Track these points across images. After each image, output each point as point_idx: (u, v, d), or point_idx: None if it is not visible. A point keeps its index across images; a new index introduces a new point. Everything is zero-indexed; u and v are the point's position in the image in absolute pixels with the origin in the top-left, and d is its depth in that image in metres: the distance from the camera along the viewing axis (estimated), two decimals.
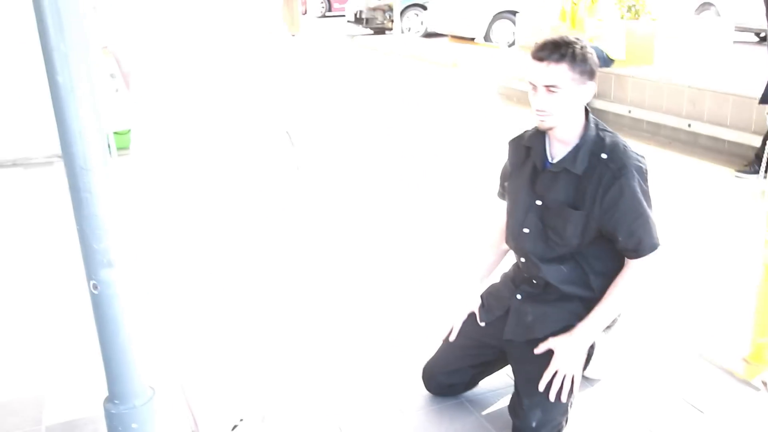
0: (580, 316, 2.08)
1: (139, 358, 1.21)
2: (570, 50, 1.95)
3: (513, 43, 10.39)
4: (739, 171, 4.67)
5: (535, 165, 2.12)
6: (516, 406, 2.05)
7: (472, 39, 12.54)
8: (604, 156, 2.01)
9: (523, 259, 2.19)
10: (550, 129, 2.03)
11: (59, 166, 4.63)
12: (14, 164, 4.95)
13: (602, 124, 2.10)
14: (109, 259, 1.10)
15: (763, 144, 4.45)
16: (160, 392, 1.33)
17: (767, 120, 4.59)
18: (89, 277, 1.12)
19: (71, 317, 2.76)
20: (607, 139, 2.03)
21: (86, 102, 1.04)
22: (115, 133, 1.44)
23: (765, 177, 2.33)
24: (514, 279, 2.27)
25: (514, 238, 2.20)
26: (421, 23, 13.84)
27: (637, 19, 6.97)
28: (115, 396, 1.21)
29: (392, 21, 11.98)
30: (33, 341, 2.65)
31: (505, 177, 2.30)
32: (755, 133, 4.91)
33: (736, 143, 5.08)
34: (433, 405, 2.27)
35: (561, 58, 1.95)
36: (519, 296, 2.19)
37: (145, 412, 1.22)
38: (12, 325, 2.78)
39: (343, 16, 16.02)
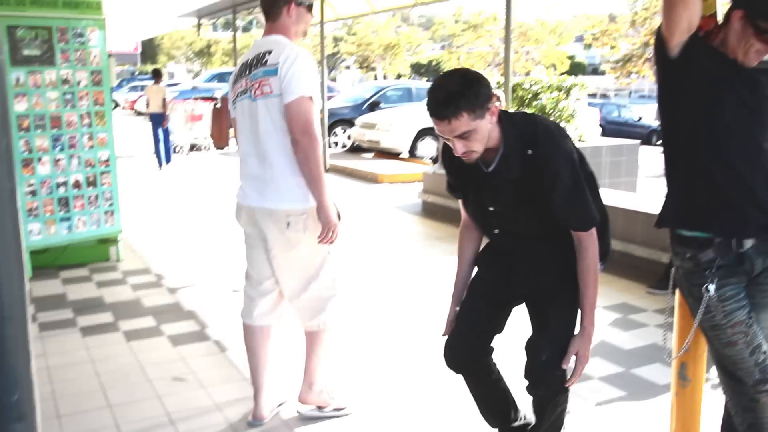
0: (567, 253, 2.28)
1: None
2: (462, 100, 2.02)
3: (437, 159, 10.78)
4: (650, 287, 4.88)
5: (475, 176, 2.26)
6: (530, 345, 2.35)
7: (398, 154, 12.95)
8: (530, 152, 2.15)
9: (491, 233, 2.44)
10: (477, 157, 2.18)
11: None
12: None
13: (516, 116, 2.24)
14: (21, 412, 1.05)
15: (670, 262, 4.69)
16: None
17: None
18: None
19: None
20: (529, 132, 2.16)
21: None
22: (32, 252, 1.41)
23: (672, 294, 2.43)
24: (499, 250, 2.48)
25: (487, 236, 2.46)
26: (348, 138, 14.25)
27: None
28: None
29: (321, 135, 12.28)
30: None
31: (450, 175, 2.43)
32: (664, 250, 5.17)
33: (647, 260, 5.34)
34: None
35: (457, 110, 2.01)
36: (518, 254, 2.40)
37: None
38: None
39: None
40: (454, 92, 2.02)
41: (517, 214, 2.29)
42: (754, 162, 2.11)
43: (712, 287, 2.13)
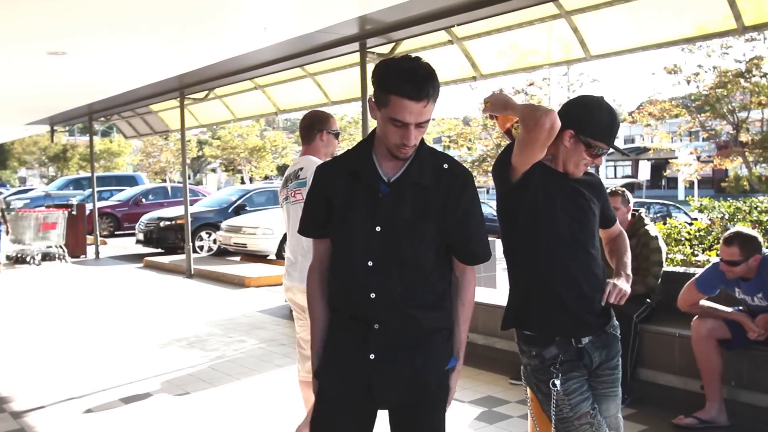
0: (450, 339, 2.10)
1: None
2: (437, 83, 1.93)
3: None
4: (512, 378, 5.05)
5: (370, 188, 2.01)
6: None
7: (266, 257, 12.84)
8: (446, 166, 2.04)
9: (373, 295, 2.00)
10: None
11: None
12: None
13: None
14: None
15: None
16: None
17: None
18: None
19: None
20: (441, 153, 2.11)
21: None
22: None
23: (526, 387, 2.55)
24: (353, 334, 2.05)
25: (356, 275, 2.02)
26: (214, 242, 14.00)
27: None
28: None
29: (184, 240, 11.98)
30: None
31: (318, 210, 2.11)
32: None
33: (509, 352, 5.53)
34: None
35: (434, 91, 1.92)
36: (373, 356, 2.00)
37: None
38: None
39: (133, 234, 15.76)
40: (433, 74, 1.92)
41: (407, 234, 1.99)
42: (586, 268, 2.35)
43: (557, 382, 2.27)
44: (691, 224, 6.18)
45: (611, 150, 2.42)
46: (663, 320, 4.72)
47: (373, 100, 1.99)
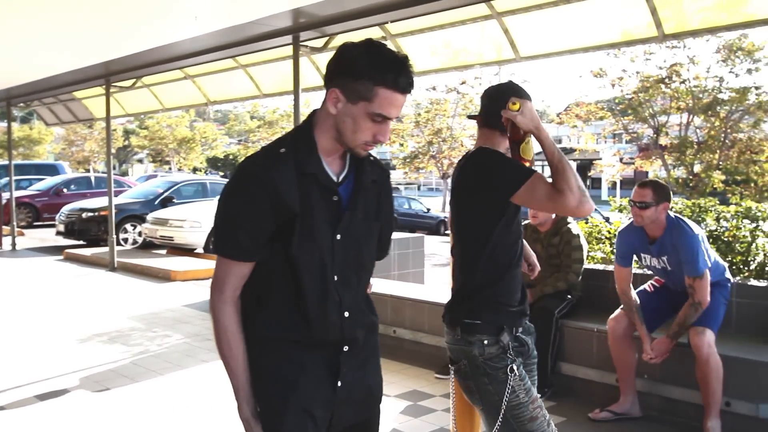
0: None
1: None
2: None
3: None
4: (438, 373, 5.12)
5: (327, 192, 1.77)
6: None
7: (193, 250, 12.60)
8: (372, 159, 1.89)
9: (347, 313, 1.81)
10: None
11: None
12: None
13: None
14: None
15: None
16: None
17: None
18: None
19: None
20: None
21: None
22: None
23: (453, 379, 2.61)
24: (316, 365, 1.81)
25: (327, 295, 1.79)
26: (139, 234, 13.65)
27: None
28: None
29: (107, 232, 11.63)
30: None
31: (262, 222, 1.74)
32: None
33: (435, 347, 5.61)
34: None
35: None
36: (339, 383, 1.83)
37: None
38: None
39: (53, 226, 15.19)
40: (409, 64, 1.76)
41: (363, 237, 1.85)
42: (520, 267, 2.51)
43: (515, 366, 2.33)
44: (610, 222, 6.40)
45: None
46: (583, 316, 4.87)
47: (340, 91, 1.73)
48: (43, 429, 4.19)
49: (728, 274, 4.22)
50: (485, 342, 2.37)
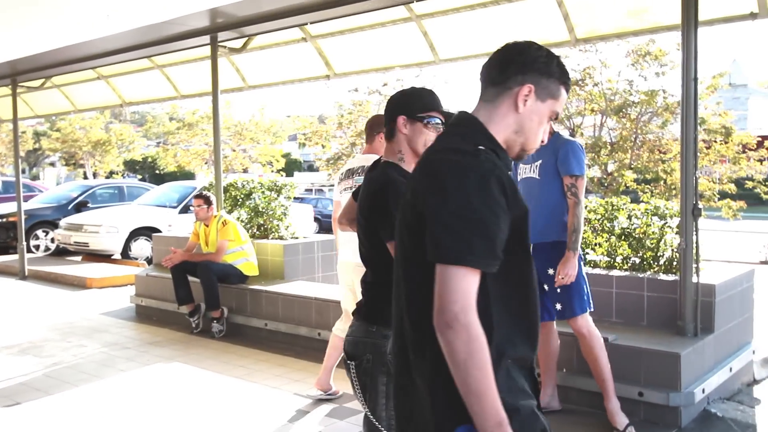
0: None
1: None
2: None
3: (152, 260, 10.34)
4: None
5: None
6: None
7: (110, 256, 12.20)
8: None
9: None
10: None
11: None
12: None
13: None
14: None
15: None
16: None
17: None
18: None
19: None
20: None
21: None
22: None
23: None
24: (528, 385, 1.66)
25: (536, 305, 1.70)
26: (52, 240, 13.09)
27: (267, 238, 7.55)
28: None
29: (17, 239, 11.09)
30: None
31: (504, 227, 1.56)
32: None
33: None
34: None
35: None
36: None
37: None
38: None
39: None
40: None
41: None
42: None
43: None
44: None
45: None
46: None
47: (534, 88, 1.68)
48: None
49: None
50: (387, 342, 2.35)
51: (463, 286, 1.48)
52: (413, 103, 2.45)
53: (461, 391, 1.46)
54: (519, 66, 1.69)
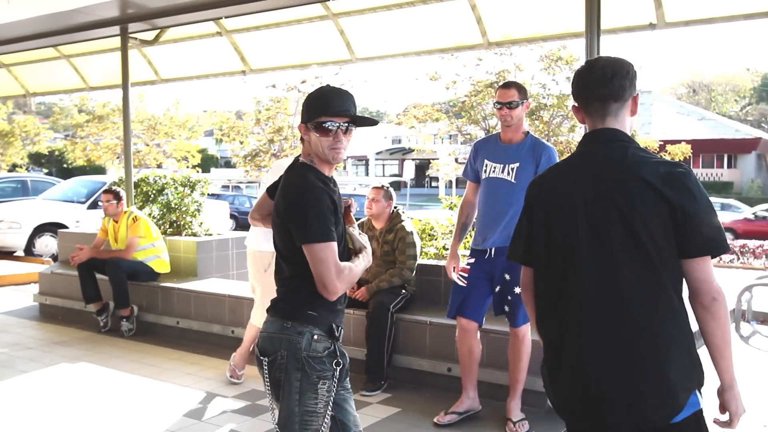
0: None
1: None
2: None
3: (57, 257, 9.93)
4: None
5: None
6: None
7: (12, 253, 11.65)
8: None
9: None
10: None
11: None
12: None
13: None
14: None
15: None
16: None
17: None
18: None
19: None
20: None
21: None
22: None
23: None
24: None
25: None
26: None
27: (180, 234, 7.40)
28: None
29: None
30: None
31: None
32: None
33: None
34: None
35: None
36: None
37: None
38: None
39: None
40: None
41: None
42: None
43: (334, 374, 2.36)
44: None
45: (352, 124, 2.39)
46: (417, 309, 5.07)
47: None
48: None
49: None
50: (315, 337, 2.34)
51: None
52: (309, 110, 2.39)
53: (720, 353, 2.00)
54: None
